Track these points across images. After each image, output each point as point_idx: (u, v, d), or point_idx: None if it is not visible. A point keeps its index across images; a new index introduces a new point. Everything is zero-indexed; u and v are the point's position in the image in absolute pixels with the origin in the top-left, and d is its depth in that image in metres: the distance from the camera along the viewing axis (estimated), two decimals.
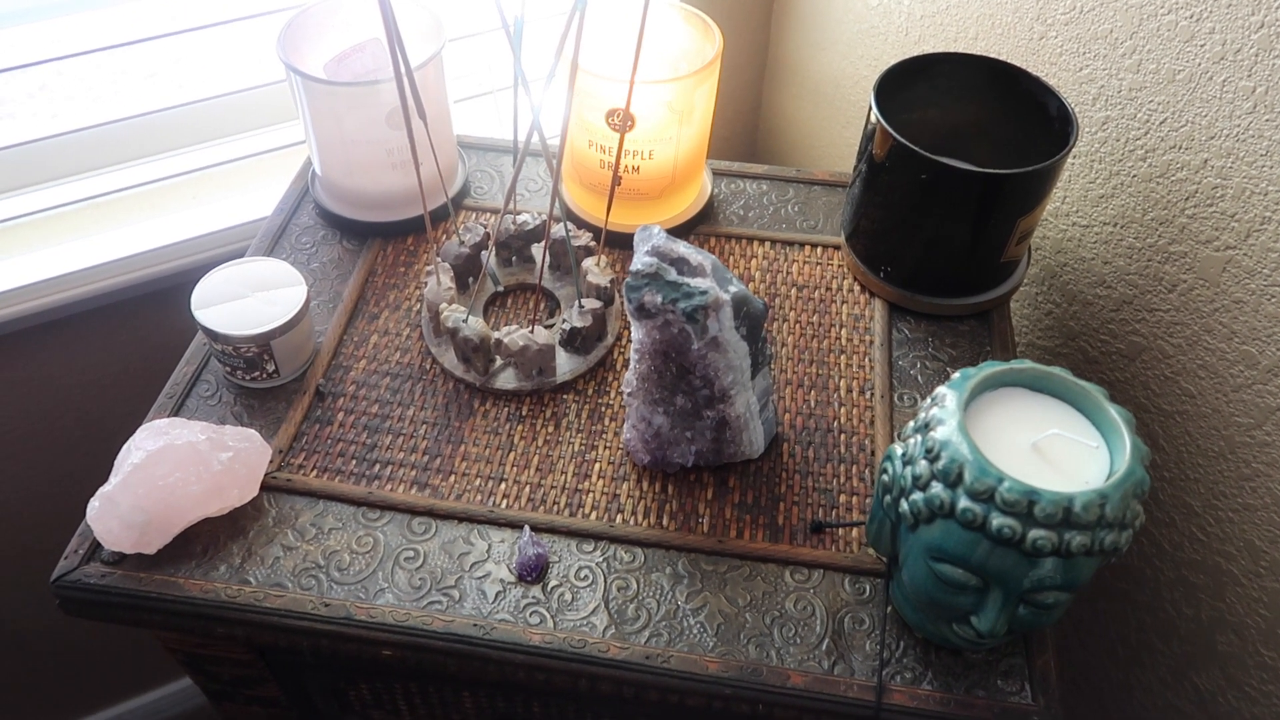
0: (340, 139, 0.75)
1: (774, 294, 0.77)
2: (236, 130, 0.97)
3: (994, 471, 0.46)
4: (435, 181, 0.78)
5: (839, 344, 0.73)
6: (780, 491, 0.64)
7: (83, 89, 0.92)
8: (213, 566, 0.60)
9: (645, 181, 0.76)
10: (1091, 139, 0.75)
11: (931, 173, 0.67)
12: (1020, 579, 0.48)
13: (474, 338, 0.68)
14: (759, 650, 0.57)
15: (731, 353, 0.59)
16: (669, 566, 0.61)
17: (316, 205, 0.82)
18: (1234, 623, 0.74)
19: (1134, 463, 0.47)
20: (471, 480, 0.65)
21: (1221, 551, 0.73)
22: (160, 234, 0.90)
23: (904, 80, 0.73)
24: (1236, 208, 0.65)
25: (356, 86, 0.71)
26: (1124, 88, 0.71)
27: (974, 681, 0.56)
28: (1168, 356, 0.74)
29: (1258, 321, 0.66)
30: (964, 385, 0.50)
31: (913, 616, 0.56)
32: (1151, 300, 0.74)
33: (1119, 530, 0.46)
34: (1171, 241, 0.71)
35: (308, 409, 0.68)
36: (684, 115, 0.72)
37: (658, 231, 0.59)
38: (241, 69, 0.95)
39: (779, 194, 0.85)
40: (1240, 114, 0.63)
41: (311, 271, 0.77)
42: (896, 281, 0.75)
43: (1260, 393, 0.67)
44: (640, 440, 0.64)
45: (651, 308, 0.56)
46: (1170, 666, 0.81)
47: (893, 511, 0.53)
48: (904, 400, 0.70)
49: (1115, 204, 0.75)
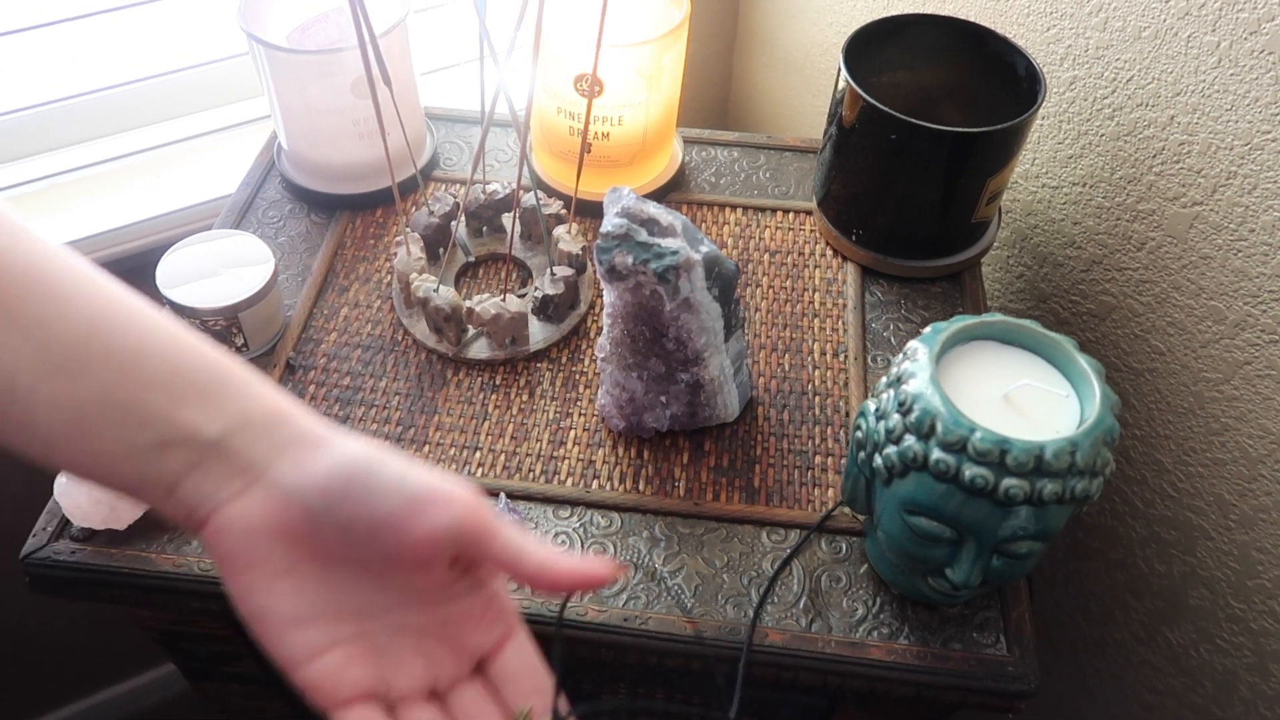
0: (305, 110, 0.74)
1: (747, 260, 0.76)
2: (201, 106, 0.96)
3: (966, 422, 0.47)
4: (403, 152, 0.77)
5: (812, 308, 0.73)
6: (756, 454, 0.64)
7: (41, 65, 0.90)
8: (185, 540, 0.59)
9: (615, 148, 0.75)
10: (1060, 99, 0.75)
11: (901, 133, 0.67)
12: (994, 529, 0.48)
13: (445, 307, 0.67)
14: (737, 610, 0.57)
15: (704, 314, 0.59)
16: (646, 530, 0.61)
17: (283, 179, 0.81)
18: (1205, 577, 0.75)
19: (1104, 411, 0.47)
20: (446, 450, 0.65)
21: (1192, 506, 0.74)
22: (125, 211, 0.89)
23: (873, 43, 0.73)
24: (1203, 163, 0.65)
25: (320, 55, 0.70)
26: (1091, 46, 0.71)
27: (950, 635, 0.56)
28: (1137, 315, 0.74)
29: (1225, 277, 0.66)
30: (935, 339, 0.51)
31: (888, 572, 0.57)
32: (1120, 259, 0.74)
33: (1090, 478, 0.47)
34: (1140, 200, 0.71)
35: (279, 382, 0.68)
36: (653, 80, 0.72)
37: (627, 193, 0.58)
38: (204, 43, 0.94)
39: (750, 161, 0.84)
40: (1205, 69, 0.63)
41: (279, 245, 0.77)
42: (868, 245, 0.75)
43: (1228, 347, 0.68)
44: (615, 405, 0.64)
45: (623, 269, 0.56)
46: (1143, 622, 0.82)
47: (867, 467, 0.53)
48: (877, 362, 0.70)
49: (1084, 164, 0.75)
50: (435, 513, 0.34)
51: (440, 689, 0.37)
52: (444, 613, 0.37)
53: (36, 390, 0.33)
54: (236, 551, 0.35)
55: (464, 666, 0.38)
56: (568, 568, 0.36)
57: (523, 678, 0.38)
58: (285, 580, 0.35)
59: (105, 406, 0.34)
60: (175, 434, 0.34)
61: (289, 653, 0.35)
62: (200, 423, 0.34)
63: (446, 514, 0.35)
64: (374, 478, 0.35)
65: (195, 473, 0.34)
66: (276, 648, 0.35)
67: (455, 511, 0.35)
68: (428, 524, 0.34)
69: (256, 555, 0.35)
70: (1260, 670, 0.72)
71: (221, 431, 0.35)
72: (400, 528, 0.34)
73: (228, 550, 0.35)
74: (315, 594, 0.35)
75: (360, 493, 0.34)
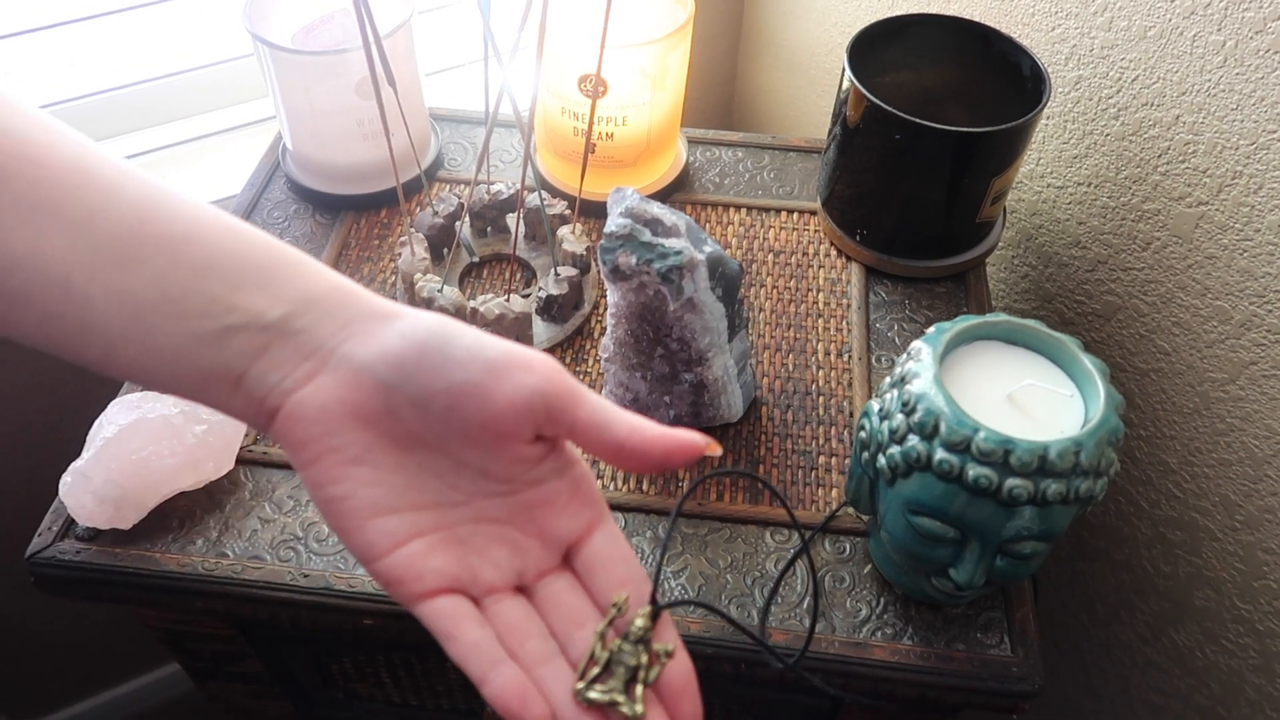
0: (310, 110, 0.74)
1: (751, 260, 0.76)
2: (206, 107, 0.96)
3: (970, 422, 0.46)
4: (407, 152, 0.77)
5: (816, 308, 0.73)
6: (759, 454, 0.64)
7: (44, 67, 0.91)
8: (189, 540, 0.59)
9: (619, 149, 0.76)
10: (1065, 99, 0.75)
11: (905, 133, 0.67)
12: (998, 529, 0.48)
13: (449, 307, 0.67)
14: (740, 610, 0.57)
15: (708, 314, 0.59)
16: (650, 530, 0.61)
17: (288, 179, 0.81)
18: (1211, 578, 0.75)
19: (1108, 411, 0.47)
20: None
21: (1198, 507, 0.74)
22: None
23: (877, 43, 0.72)
24: (1208, 163, 0.65)
25: (325, 55, 0.71)
26: (1096, 46, 0.71)
27: (954, 635, 0.56)
28: (1142, 315, 0.74)
29: (1230, 276, 0.66)
30: (939, 339, 0.50)
31: (892, 572, 0.56)
32: (1126, 259, 0.74)
33: (1094, 478, 0.47)
34: (1145, 199, 0.71)
35: None
36: (657, 80, 0.72)
37: (631, 193, 0.58)
38: (209, 44, 0.94)
39: (754, 161, 0.84)
40: (1211, 68, 0.63)
41: None
42: (873, 245, 0.75)
43: (1234, 347, 0.67)
44: (619, 405, 0.64)
45: (626, 269, 0.56)
46: (1148, 623, 0.82)
47: (870, 468, 0.53)
48: (881, 362, 0.70)
49: (1089, 164, 0.75)
50: (517, 378, 0.33)
51: (527, 580, 0.36)
52: (528, 498, 0.35)
53: (92, 285, 0.32)
54: (310, 439, 0.33)
55: (551, 556, 0.36)
56: (658, 435, 0.34)
57: (613, 566, 0.36)
58: (362, 467, 0.33)
59: (163, 298, 0.33)
60: (237, 319, 0.33)
61: (367, 543, 0.33)
62: (262, 306, 0.33)
63: (529, 379, 0.33)
64: (449, 345, 0.33)
65: (262, 359, 0.33)
66: (353, 539, 0.34)
67: (538, 376, 0.33)
68: (510, 390, 0.33)
69: (331, 441, 0.33)
70: (1266, 671, 0.71)
71: (285, 313, 0.33)
72: (482, 396, 0.32)
73: (301, 438, 0.33)
74: (393, 480, 0.33)
75: (436, 362, 0.33)
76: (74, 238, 0.32)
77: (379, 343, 0.33)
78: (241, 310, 0.33)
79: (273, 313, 0.33)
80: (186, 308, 0.33)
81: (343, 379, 0.33)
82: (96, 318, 0.33)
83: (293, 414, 0.33)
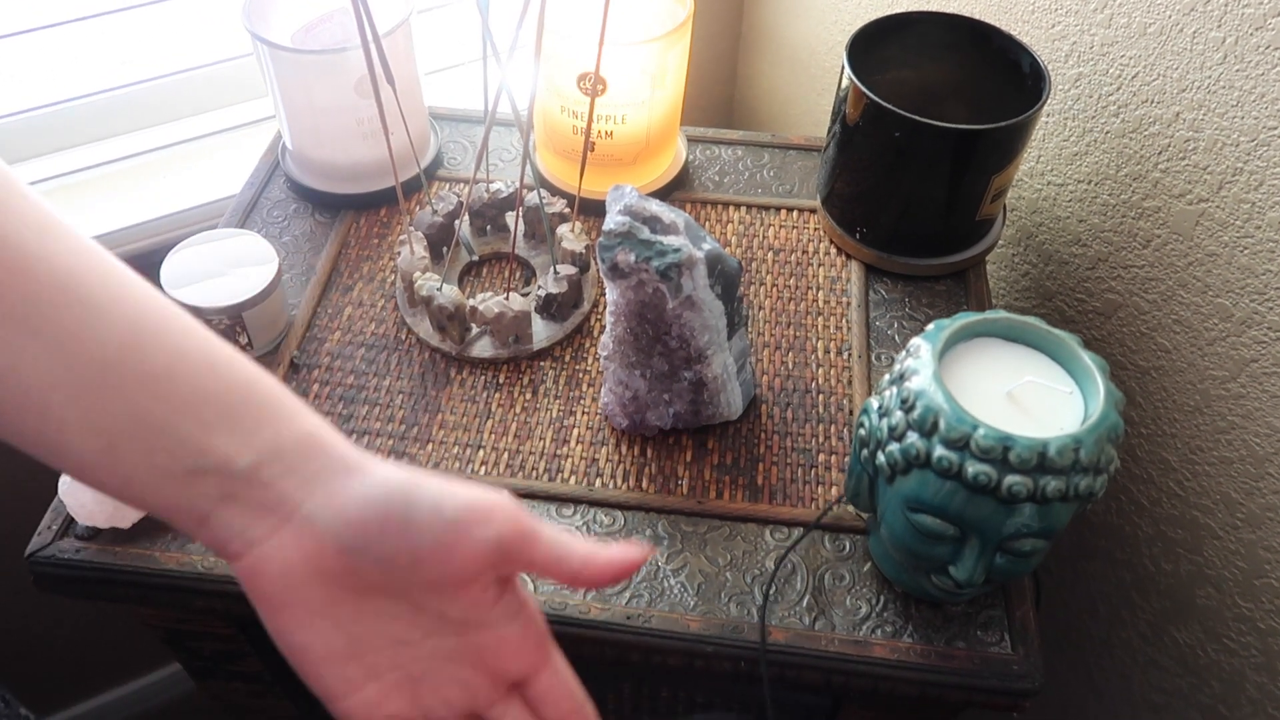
0: (309, 109, 0.74)
1: (750, 258, 0.76)
2: (205, 107, 0.96)
3: (969, 419, 0.46)
4: (407, 151, 0.77)
5: (816, 306, 0.73)
6: (759, 452, 0.64)
7: (44, 66, 0.91)
8: (188, 539, 0.59)
9: (619, 147, 0.75)
10: (1065, 96, 0.75)
11: (905, 131, 0.67)
12: (997, 527, 0.48)
13: (449, 305, 0.67)
14: (740, 608, 0.57)
15: (707, 312, 0.59)
16: (649, 528, 0.61)
17: (287, 179, 0.81)
18: (1212, 576, 0.74)
19: (1108, 408, 0.47)
20: (449, 448, 0.65)
21: (1199, 505, 0.74)
22: (129, 211, 0.89)
23: (877, 40, 0.72)
24: (1209, 160, 0.65)
25: (324, 54, 0.71)
26: (1096, 43, 0.71)
27: (954, 633, 0.56)
28: (1143, 313, 0.74)
29: (1230, 274, 0.66)
30: (938, 336, 0.50)
31: (892, 570, 0.56)
32: (1126, 257, 0.74)
33: (1094, 475, 0.47)
34: (1145, 197, 0.71)
35: (283, 381, 0.68)
36: (657, 79, 0.72)
37: (630, 191, 0.58)
38: (209, 43, 0.94)
39: (754, 159, 0.84)
40: (1211, 65, 0.63)
41: (284, 245, 0.77)
42: (872, 243, 0.75)
43: (1234, 345, 0.67)
44: (618, 404, 0.64)
45: (625, 267, 0.56)
46: (1150, 622, 0.82)
47: (870, 465, 0.53)
48: (881, 360, 0.70)
49: (1089, 161, 0.75)
50: (478, 533, 0.34)
51: (478, 710, 0.37)
52: (481, 640, 0.37)
53: (69, 408, 0.33)
54: (272, 592, 0.34)
55: (501, 692, 0.37)
56: (607, 561, 0.35)
57: (560, 700, 0.38)
58: (322, 618, 0.34)
59: (136, 430, 0.33)
60: (206, 463, 0.33)
61: (326, 688, 0.35)
62: (231, 452, 0.34)
63: (489, 531, 0.34)
64: (410, 508, 0.34)
65: (228, 505, 0.34)
66: (314, 683, 0.35)
67: (497, 527, 0.34)
68: (470, 546, 0.34)
69: (293, 596, 0.34)
70: (1268, 670, 0.71)
71: (253, 462, 0.34)
72: (444, 555, 0.34)
73: (263, 590, 0.34)
74: (352, 629, 0.35)
75: (398, 526, 0.34)
76: (55, 360, 0.32)
77: (342, 504, 0.34)
78: (211, 454, 0.34)
79: (241, 460, 0.34)
80: (157, 444, 0.33)
81: (305, 539, 0.34)
82: (70, 439, 0.33)
83: (255, 568, 0.34)
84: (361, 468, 0.35)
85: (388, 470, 0.35)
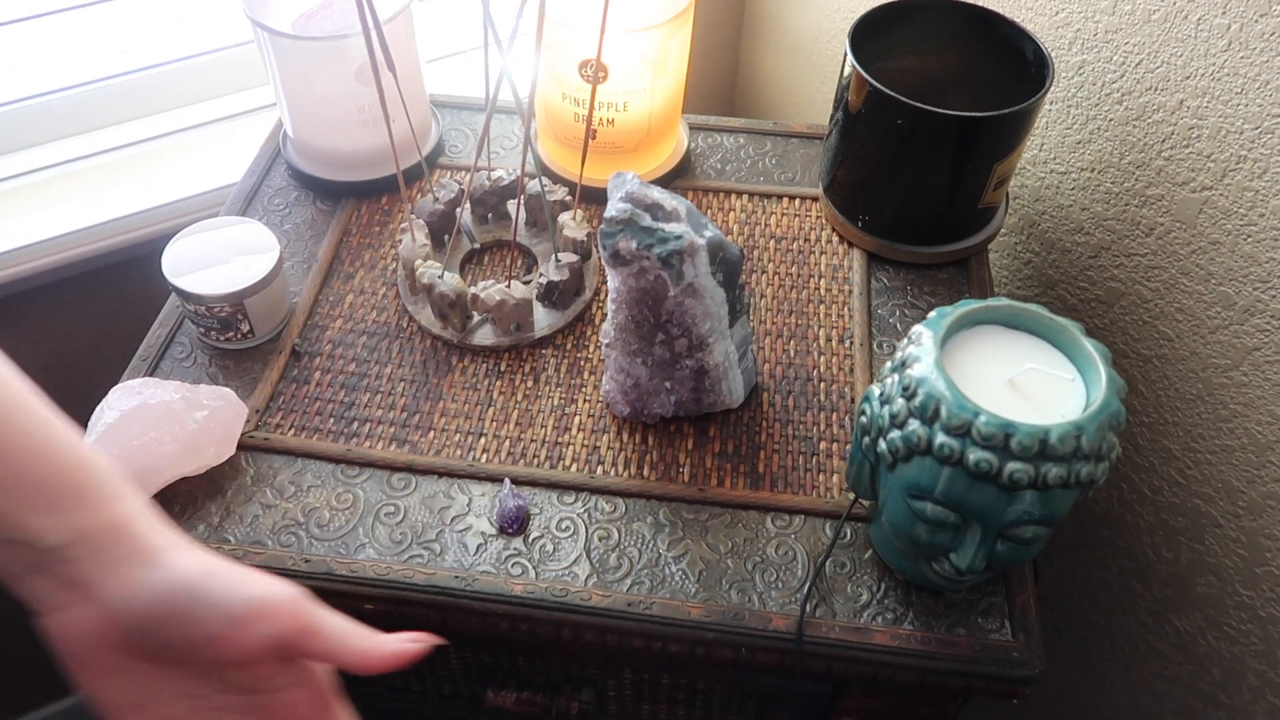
0: (310, 97, 0.74)
1: (752, 246, 0.76)
2: (206, 94, 0.96)
3: (970, 406, 0.46)
4: (408, 139, 0.77)
5: (818, 294, 0.73)
6: (761, 440, 0.64)
7: (45, 54, 0.90)
8: (191, 526, 0.60)
9: (620, 134, 0.75)
10: (1068, 84, 0.75)
11: (907, 118, 0.66)
12: (998, 514, 0.48)
13: (450, 293, 0.67)
14: (741, 595, 0.57)
15: (708, 299, 0.58)
16: (650, 516, 0.61)
17: (289, 166, 0.81)
18: (1213, 564, 0.74)
19: (1109, 395, 0.47)
20: (451, 436, 0.65)
21: (1200, 494, 0.74)
22: (131, 200, 0.89)
23: (880, 28, 0.72)
24: (1212, 148, 0.65)
25: (325, 41, 0.70)
26: (1100, 30, 0.70)
27: (954, 620, 0.56)
28: (1145, 301, 0.74)
29: (1234, 262, 0.66)
30: (940, 323, 0.50)
31: (893, 557, 0.56)
32: (1129, 245, 0.74)
33: (1095, 462, 0.46)
34: (1148, 185, 0.71)
35: (284, 369, 0.68)
36: (658, 66, 0.71)
37: (631, 178, 0.58)
38: (210, 31, 0.94)
39: (756, 147, 0.84)
40: (1215, 52, 0.62)
41: (285, 233, 0.77)
42: (875, 231, 0.74)
43: (1237, 333, 0.67)
44: (620, 391, 0.64)
45: (627, 254, 0.56)
46: (1151, 610, 0.82)
47: (871, 452, 0.53)
48: (883, 348, 0.70)
49: (1092, 149, 0.75)
50: (256, 629, 0.38)
51: None
52: (271, 703, 0.40)
53: None
54: (71, 651, 0.39)
55: None
56: (387, 649, 0.40)
57: None
58: (117, 675, 0.39)
59: None
60: (18, 536, 0.37)
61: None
62: (43, 530, 0.37)
63: (270, 628, 0.38)
64: (197, 602, 0.38)
65: (35, 574, 0.38)
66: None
67: (278, 624, 0.38)
68: (247, 639, 0.38)
69: (89, 657, 0.38)
70: (1268, 657, 0.71)
71: (61, 543, 0.37)
72: (220, 646, 0.38)
73: (65, 650, 0.39)
74: (144, 684, 0.39)
75: (181, 618, 0.38)
76: None
77: (135, 592, 0.38)
78: (24, 529, 0.37)
79: (50, 539, 0.37)
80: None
81: (98, 615, 0.38)
82: None
83: (56, 630, 0.38)
84: (159, 559, 0.39)
85: (186, 561, 0.39)
